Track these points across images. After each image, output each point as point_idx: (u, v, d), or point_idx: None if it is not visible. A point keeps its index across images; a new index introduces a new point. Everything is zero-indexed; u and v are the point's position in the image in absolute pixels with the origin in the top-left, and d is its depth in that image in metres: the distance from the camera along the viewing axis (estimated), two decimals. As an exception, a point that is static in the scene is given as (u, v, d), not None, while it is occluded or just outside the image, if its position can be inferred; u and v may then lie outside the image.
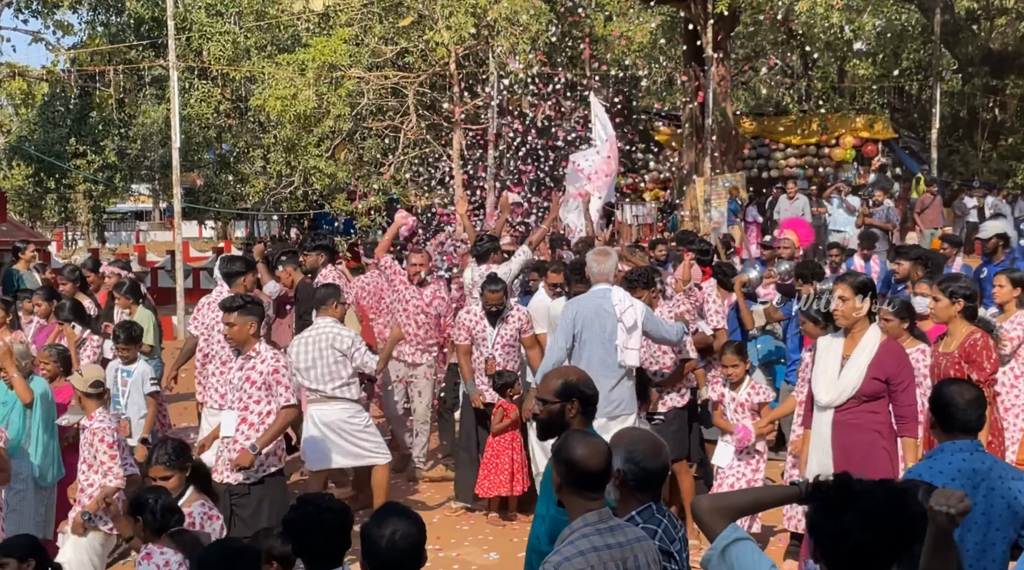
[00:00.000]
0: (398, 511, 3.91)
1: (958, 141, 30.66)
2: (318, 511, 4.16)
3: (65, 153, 34.35)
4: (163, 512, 5.17)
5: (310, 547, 4.14)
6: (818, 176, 26.47)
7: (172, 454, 5.78)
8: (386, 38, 22.64)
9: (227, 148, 33.64)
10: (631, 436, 4.39)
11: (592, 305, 7.83)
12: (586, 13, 23.03)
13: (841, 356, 6.33)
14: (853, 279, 6.36)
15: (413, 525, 3.82)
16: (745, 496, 3.82)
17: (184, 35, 26.84)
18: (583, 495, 3.91)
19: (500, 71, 20.55)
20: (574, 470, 3.90)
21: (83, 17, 33.23)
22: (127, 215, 62.63)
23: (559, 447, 4.03)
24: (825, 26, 21.47)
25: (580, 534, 3.82)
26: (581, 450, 3.93)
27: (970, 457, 4.58)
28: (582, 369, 5.34)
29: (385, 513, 3.88)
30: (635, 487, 4.20)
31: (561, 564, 3.73)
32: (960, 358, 6.61)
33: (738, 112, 27.40)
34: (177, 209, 21.89)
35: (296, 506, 4.32)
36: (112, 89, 26.94)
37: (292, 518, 4.23)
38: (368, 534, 3.80)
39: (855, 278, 6.39)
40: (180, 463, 5.78)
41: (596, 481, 3.92)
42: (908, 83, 31.50)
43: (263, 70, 24.14)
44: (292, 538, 4.20)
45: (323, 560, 4.13)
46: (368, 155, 23.46)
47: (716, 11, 20.67)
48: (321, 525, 4.13)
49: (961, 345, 6.73)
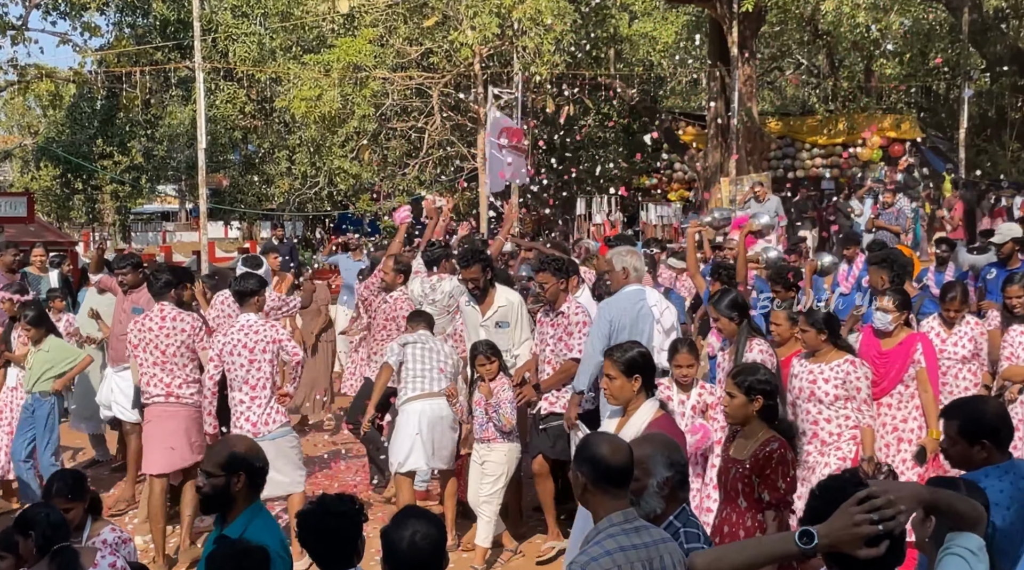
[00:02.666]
0: (417, 513, 3.89)
1: (986, 141, 30.41)
2: (327, 513, 4.14)
3: (92, 154, 34.60)
4: (53, 528, 5.01)
5: (319, 547, 4.12)
6: (844, 176, 26.30)
7: (72, 486, 5.58)
8: (411, 39, 22.68)
9: (252, 149, 33.79)
10: (658, 442, 4.38)
11: (629, 308, 7.53)
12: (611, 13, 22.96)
13: None
14: (621, 355, 5.58)
15: (433, 526, 3.80)
16: (740, 554, 3.50)
17: (210, 36, 26.97)
18: (608, 494, 3.87)
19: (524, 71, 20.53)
20: (598, 468, 3.86)
21: (110, 19, 33.49)
22: (154, 216, 62.93)
23: (580, 448, 4.01)
24: (851, 25, 21.30)
25: (607, 534, 3.79)
26: (605, 447, 3.92)
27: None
28: (250, 441, 4.97)
29: (404, 515, 3.86)
30: (679, 487, 4.29)
31: (588, 564, 3.70)
32: (751, 470, 5.30)
33: (764, 112, 27.29)
34: (203, 210, 21.99)
35: (308, 505, 4.30)
36: (139, 90, 27.11)
37: (303, 517, 4.21)
38: (388, 537, 3.77)
39: (623, 354, 5.58)
40: (80, 494, 5.57)
41: (621, 479, 3.89)
42: (936, 83, 31.27)
43: (288, 71, 24.22)
44: (303, 537, 4.18)
45: (334, 561, 4.11)
46: (392, 155, 23.51)
47: (742, 10, 20.56)
48: (330, 526, 4.11)
49: (754, 454, 5.31)
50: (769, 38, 30.70)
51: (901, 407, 7.61)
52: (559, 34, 20.32)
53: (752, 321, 7.52)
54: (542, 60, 20.29)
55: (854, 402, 6.94)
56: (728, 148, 22.13)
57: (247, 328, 8.04)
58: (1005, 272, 10.40)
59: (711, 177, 23.25)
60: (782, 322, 7.77)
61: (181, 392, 8.29)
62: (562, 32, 20.49)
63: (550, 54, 20.38)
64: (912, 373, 7.56)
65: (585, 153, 27.33)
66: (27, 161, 41.54)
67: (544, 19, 19.88)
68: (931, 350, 7.71)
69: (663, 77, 29.54)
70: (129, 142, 35.44)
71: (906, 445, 7.53)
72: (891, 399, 7.62)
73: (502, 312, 8.48)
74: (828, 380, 7.04)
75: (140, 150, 35.86)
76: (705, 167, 23.80)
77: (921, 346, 7.61)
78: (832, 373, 7.04)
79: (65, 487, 5.54)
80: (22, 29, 29.25)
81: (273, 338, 8.03)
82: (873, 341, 7.80)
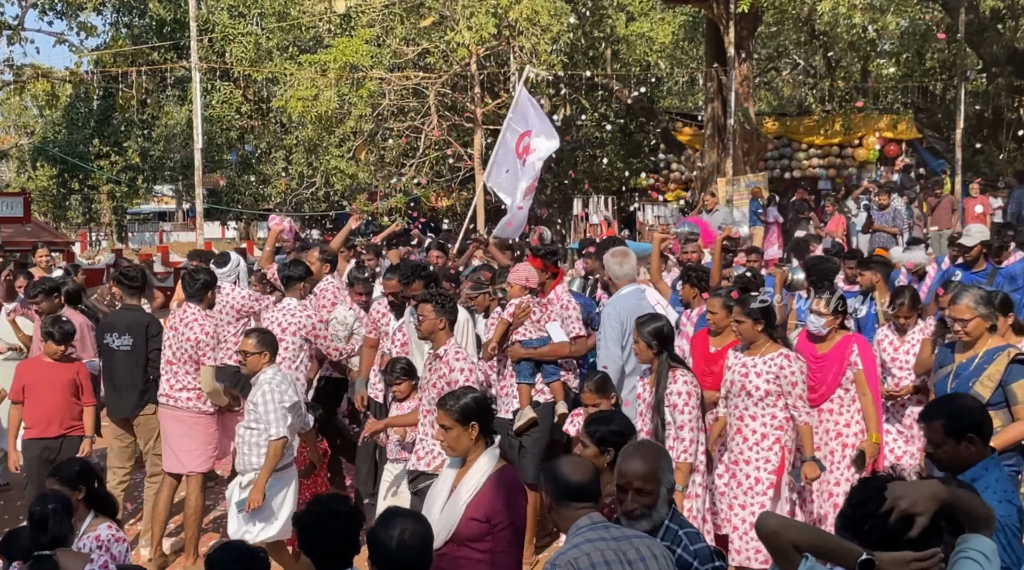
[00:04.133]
0: (403, 512, 4.00)
1: (982, 141, 30.41)
2: (327, 512, 4.14)
3: (89, 154, 34.61)
4: (61, 521, 4.97)
5: (318, 546, 4.12)
6: (841, 177, 26.31)
7: (76, 472, 5.54)
8: (407, 39, 22.67)
9: (249, 149, 33.83)
10: (654, 452, 4.39)
11: (632, 306, 7.51)
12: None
13: (450, 488, 5.12)
14: (454, 403, 5.16)
15: (420, 523, 3.90)
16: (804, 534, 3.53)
17: (206, 37, 26.96)
18: (570, 508, 4.10)
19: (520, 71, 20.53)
20: (559, 485, 4.14)
21: (107, 19, 33.47)
22: (150, 216, 62.94)
23: (544, 471, 4.32)
24: (848, 26, 21.31)
25: (574, 535, 4.00)
26: (566, 466, 4.22)
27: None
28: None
29: (390, 515, 3.94)
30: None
31: (558, 557, 3.88)
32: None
33: (760, 112, 27.29)
34: (199, 209, 21.99)
35: (308, 505, 4.31)
36: (135, 90, 27.06)
37: (302, 517, 4.21)
38: (376, 537, 3.83)
39: (456, 402, 5.16)
40: (77, 484, 5.50)
41: (581, 494, 4.11)
42: (932, 83, 31.28)
43: (285, 71, 24.22)
44: (300, 536, 4.19)
45: (330, 561, 4.12)
46: (389, 156, 23.50)
47: (738, 10, 20.56)
48: (329, 526, 4.12)
49: (608, 514, 4.92)
50: (766, 38, 30.72)
51: (843, 412, 7.33)
52: (556, 34, 20.32)
53: (672, 352, 6.80)
54: (539, 60, 20.29)
55: (788, 398, 6.71)
56: (725, 148, 22.12)
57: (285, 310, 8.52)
58: (971, 275, 10.18)
59: (708, 177, 23.26)
60: (718, 310, 7.41)
61: (179, 396, 8.12)
62: (559, 32, 20.48)
63: (547, 54, 20.37)
64: (851, 376, 7.27)
65: (582, 153, 27.33)
66: (23, 161, 41.58)
67: (541, 19, 19.88)
68: (868, 351, 7.43)
69: (660, 77, 29.56)
70: (125, 142, 35.46)
71: (850, 450, 7.25)
72: (831, 404, 7.34)
73: None
74: (760, 374, 6.76)
75: (136, 150, 35.87)
76: (702, 167, 23.81)
77: (857, 347, 7.32)
78: (765, 367, 6.76)
79: (67, 471, 5.53)
80: (18, 29, 29.21)
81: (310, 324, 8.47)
82: (808, 346, 7.48)
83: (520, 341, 7.87)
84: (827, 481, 7.21)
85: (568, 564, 3.83)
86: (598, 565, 3.81)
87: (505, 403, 8.03)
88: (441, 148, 22.73)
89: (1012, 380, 6.26)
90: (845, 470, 7.23)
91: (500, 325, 7.87)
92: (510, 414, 7.87)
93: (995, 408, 6.13)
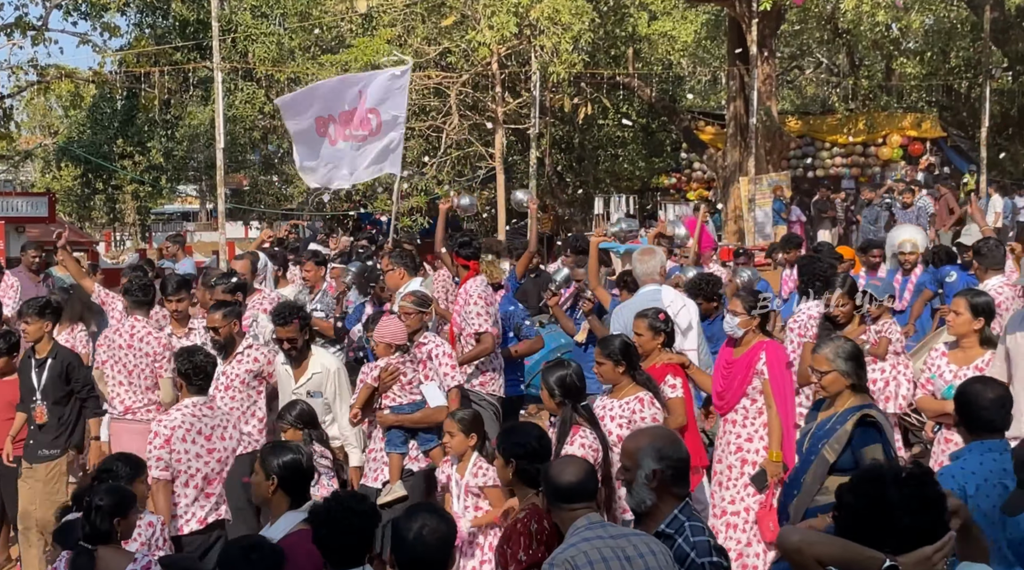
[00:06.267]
0: (431, 509, 4.04)
1: (1007, 139, 30.18)
2: (346, 510, 4.13)
3: (112, 154, 34.78)
4: (109, 512, 4.86)
5: (334, 544, 4.12)
6: (865, 175, 26.19)
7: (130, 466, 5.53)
8: (429, 38, 22.68)
9: (272, 149, 33.87)
10: (651, 434, 4.42)
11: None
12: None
13: None
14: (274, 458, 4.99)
15: (443, 522, 3.90)
16: (829, 546, 3.44)
17: (229, 37, 27.02)
18: (565, 509, 4.19)
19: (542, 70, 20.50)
20: (550, 487, 4.26)
21: (130, 19, 33.58)
22: (174, 216, 63.21)
23: (543, 474, 4.44)
24: (871, 24, 21.20)
25: (572, 535, 4.06)
26: (554, 469, 4.34)
27: (1000, 456, 4.51)
28: None
29: (417, 509, 4.00)
30: (672, 482, 4.23)
31: (556, 557, 3.94)
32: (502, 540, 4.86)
33: (783, 111, 27.17)
34: (221, 209, 22.02)
35: (326, 501, 4.30)
36: (158, 91, 27.14)
37: (319, 513, 4.21)
38: (398, 527, 3.89)
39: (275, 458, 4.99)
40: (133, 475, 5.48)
41: (572, 495, 4.19)
42: (957, 81, 31.06)
43: (307, 71, 24.26)
44: (316, 533, 4.18)
45: (345, 558, 4.11)
46: (410, 155, 23.50)
47: (761, 9, 20.47)
48: (347, 524, 4.11)
49: (511, 525, 4.86)
50: (788, 37, 30.56)
51: (747, 424, 6.77)
52: (577, 33, 20.27)
53: (579, 408, 5.81)
54: (560, 59, 20.25)
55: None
56: (747, 147, 22.04)
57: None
58: (967, 276, 9.96)
59: (730, 177, 23.17)
60: (644, 332, 6.72)
61: (139, 410, 7.89)
62: (580, 31, 20.43)
63: (568, 53, 20.33)
64: (758, 386, 6.71)
65: (603, 152, 27.27)
66: (48, 161, 41.80)
67: (562, 18, 19.84)
68: (777, 360, 6.78)
69: (682, 76, 29.45)
70: (149, 142, 35.61)
71: (750, 467, 6.71)
72: (736, 415, 6.81)
73: (316, 380, 7.55)
74: (614, 419, 6.00)
75: (160, 150, 36.02)
76: (724, 166, 23.72)
77: (765, 355, 6.72)
78: (619, 411, 6.03)
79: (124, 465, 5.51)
80: (42, 30, 29.33)
81: None
82: (726, 350, 7.02)
83: (390, 407, 7.06)
84: (722, 498, 6.82)
85: (565, 562, 3.88)
86: (595, 562, 3.86)
87: (373, 469, 7.20)
88: (462, 147, 22.72)
89: (862, 445, 5.37)
90: (741, 488, 6.73)
91: (364, 390, 7.09)
92: (380, 483, 7.05)
93: (840, 474, 5.25)
